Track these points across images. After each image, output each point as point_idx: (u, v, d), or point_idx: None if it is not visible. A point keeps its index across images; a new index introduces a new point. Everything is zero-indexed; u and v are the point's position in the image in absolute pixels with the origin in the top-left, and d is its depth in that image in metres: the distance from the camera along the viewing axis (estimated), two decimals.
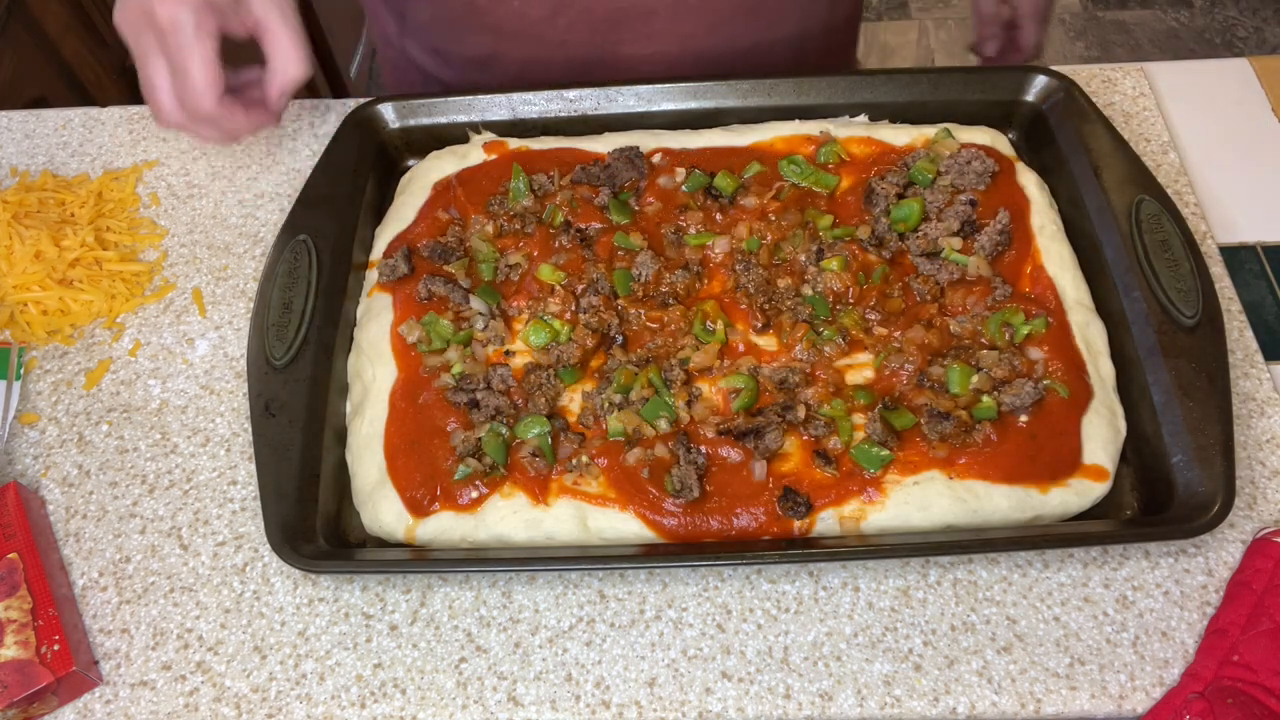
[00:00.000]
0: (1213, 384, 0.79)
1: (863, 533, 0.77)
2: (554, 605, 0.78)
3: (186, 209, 1.02)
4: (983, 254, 0.88)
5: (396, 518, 0.79)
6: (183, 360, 0.92)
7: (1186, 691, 0.71)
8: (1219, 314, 0.82)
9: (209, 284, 0.97)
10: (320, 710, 0.74)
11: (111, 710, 0.75)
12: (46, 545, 0.80)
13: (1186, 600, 0.76)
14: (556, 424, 0.81)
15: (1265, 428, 0.84)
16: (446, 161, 0.97)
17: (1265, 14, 3.06)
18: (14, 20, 1.51)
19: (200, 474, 0.85)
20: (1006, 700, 0.72)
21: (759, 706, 0.73)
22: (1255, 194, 0.99)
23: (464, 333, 0.85)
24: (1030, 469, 0.78)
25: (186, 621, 0.78)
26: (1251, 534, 0.79)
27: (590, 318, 0.85)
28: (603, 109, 1.00)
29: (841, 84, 0.99)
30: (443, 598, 0.78)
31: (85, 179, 1.04)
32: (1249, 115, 1.05)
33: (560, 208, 0.92)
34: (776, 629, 0.76)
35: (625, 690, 0.74)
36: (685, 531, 0.77)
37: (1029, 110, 0.99)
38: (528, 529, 0.77)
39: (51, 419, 0.89)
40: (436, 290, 0.87)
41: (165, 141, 1.07)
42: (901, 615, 0.76)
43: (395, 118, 1.01)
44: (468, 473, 0.78)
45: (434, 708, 0.74)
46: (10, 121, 1.10)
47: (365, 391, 0.85)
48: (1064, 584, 0.77)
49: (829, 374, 0.82)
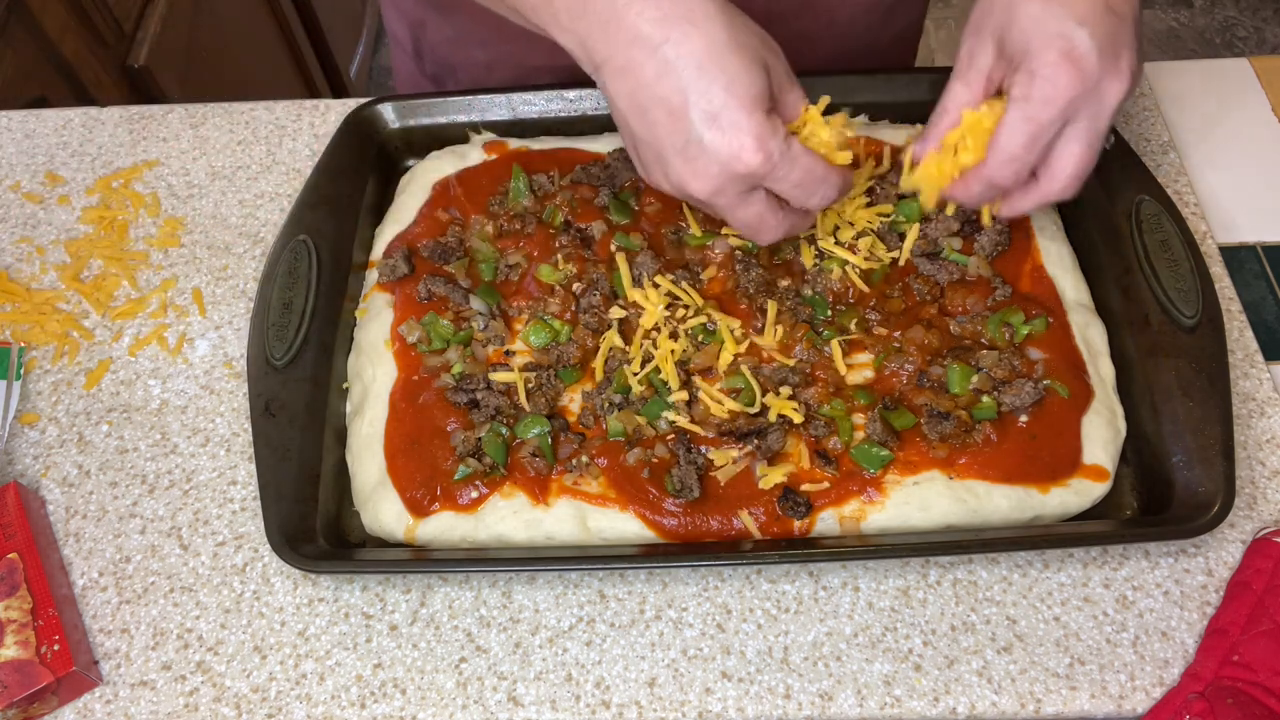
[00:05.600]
0: (1213, 384, 0.79)
1: (863, 533, 0.77)
2: (554, 605, 0.78)
3: (186, 209, 1.02)
4: (983, 254, 0.88)
5: (396, 518, 0.79)
6: (183, 360, 0.92)
7: (1186, 691, 0.71)
8: (1219, 314, 0.82)
9: (209, 284, 0.97)
10: (320, 710, 0.74)
11: (111, 710, 0.75)
12: (46, 545, 0.80)
13: (1186, 600, 0.76)
14: (556, 424, 0.81)
15: (1265, 428, 0.84)
16: (446, 161, 0.97)
17: (1265, 14, 3.06)
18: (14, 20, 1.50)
19: (200, 474, 0.85)
20: (1006, 700, 0.72)
21: (759, 706, 0.73)
22: (1255, 194, 0.99)
23: (464, 333, 0.85)
24: (1030, 469, 0.78)
25: (186, 621, 0.78)
26: (1251, 534, 0.79)
27: (590, 318, 0.85)
28: (603, 109, 1.00)
29: (841, 84, 0.99)
30: (443, 598, 0.78)
31: (85, 179, 1.04)
32: (1249, 115, 1.05)
33: (560, 208, 0.92)
34: (776, 629, 0.76)
35: (625, 690, 0.74)
36: (685, 531, 0.77)
37: None
38: (528, 529, 0.77)
39: (51, 419, 0.89)
40: (436, 290, 0.87)
41: (165, 142, 1.07)
42: (901, 615, 0.76)
43: (395, 118, 1.01)
44: (468, 473, 0.78)
45: (434, 708, 0.74)
46: (10, 121, 1.10)
47: (365, 391, 0.85)
48: (1064, 584, 0.77)
49: (829, 374, 0.82)
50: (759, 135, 0.68)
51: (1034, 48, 0.71)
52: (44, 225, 1.01)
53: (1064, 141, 0.73)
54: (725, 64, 0.68)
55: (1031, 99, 0.71)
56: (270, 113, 1.09)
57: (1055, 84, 0.70)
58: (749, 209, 0.74)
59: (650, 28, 0.68)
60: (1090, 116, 0.72)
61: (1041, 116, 0.71)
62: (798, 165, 0.71)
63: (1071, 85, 0.70)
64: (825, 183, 0.74)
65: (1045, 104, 0.71)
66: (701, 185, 0.71)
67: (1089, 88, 0.70)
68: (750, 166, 0.69)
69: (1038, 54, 0.71)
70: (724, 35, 0.68)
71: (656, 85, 0.69)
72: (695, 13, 0.68)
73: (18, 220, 1.02)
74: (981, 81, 0.77)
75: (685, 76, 0.68)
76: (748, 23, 0.71)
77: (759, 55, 0.70)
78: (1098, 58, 0.69)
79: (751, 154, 0.69)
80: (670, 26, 0.68)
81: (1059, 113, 0.71)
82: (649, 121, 0.70)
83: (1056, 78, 0.70)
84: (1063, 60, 0.70)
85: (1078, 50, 0.69)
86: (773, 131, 0.69)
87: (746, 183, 0.72)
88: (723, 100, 0.68)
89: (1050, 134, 0.73)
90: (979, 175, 0.76)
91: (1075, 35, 0.70)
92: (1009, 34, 0.73)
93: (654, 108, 0.69)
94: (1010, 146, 0.73)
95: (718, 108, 0.68)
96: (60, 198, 1.03)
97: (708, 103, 0.68)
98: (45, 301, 0.95)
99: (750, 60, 0.69)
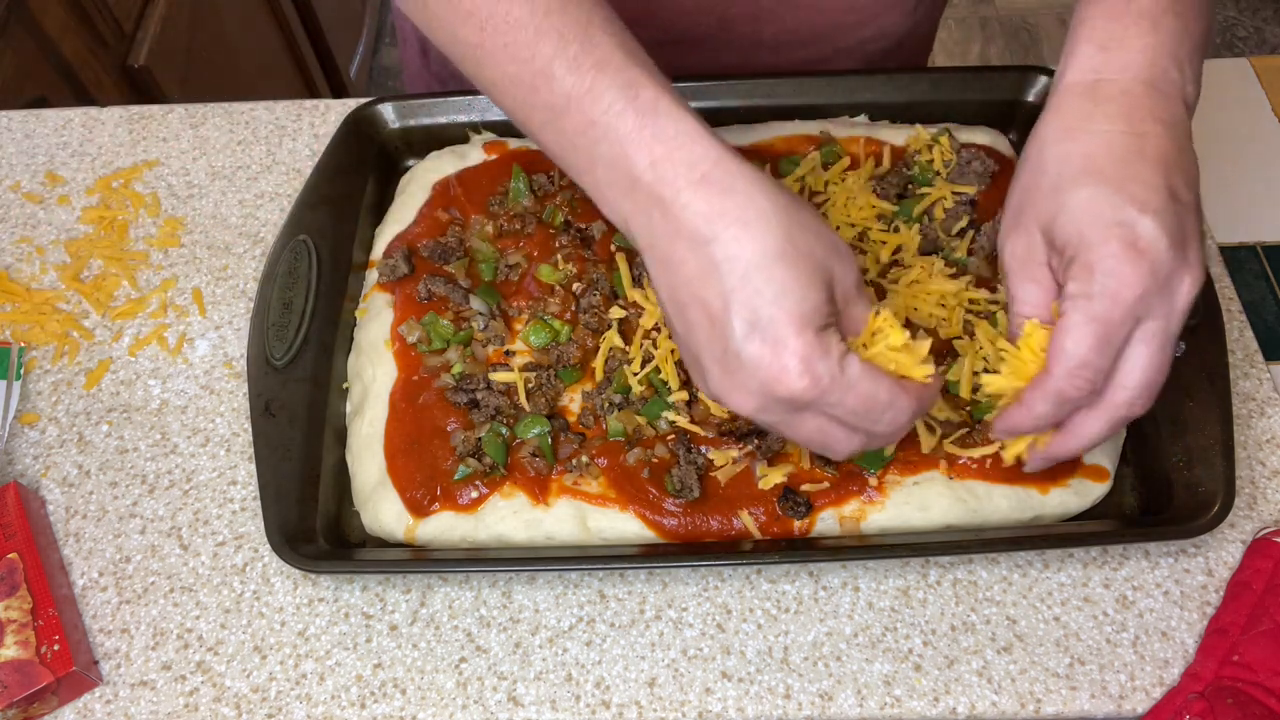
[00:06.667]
0: (1213, 384, 0.79)
1: (863, 533, 0.77)
2: (554, 605, 0.78)
3: (186, 209, 1.02)
4: (982, 254, 0.88)
5: (396, 518, 0.79)
6: (183, 360, 0.92)
7: (1186, 691, 0.71)
8: (1219, 314, 0.82)
9: (209, 284, 0.97)
10: (320, 710, 0.74)
11: (111, 710, 0.75)
12: (46, 545, 0.80)
13: (1186, 600, 0.76)
14: (556, 424, 0.81)
15: (1265, 428, 0.84)
16: (446, 161, 0.97)
17: (1265, 14, 3.06)
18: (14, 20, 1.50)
19: (200, 474, 0.85)
20: (1006, 700, 0.72)
21: (759, 706, 0.73)
22: (1255, 194, 0.99)
23: (464, 333, 0.85)
24: None
25: (186, 621, 0.78)
26: (1251, 534, 0.79)
27: (590, 318, 0.85)
28: None
29: (841, 84, 0.99)
30: (443, 598, 0.78)
31: (85, 179, 1.04)
32: (1249, 115, 1.05)
33: (560, 208, 0.92)
34: (776, 629, 0.76)
35: (625, 690, 0.74)
36: (685, 531, 0.77)
37: (1029, 110, 0.98)
38: (528, 529, 0.77)
39: (51, 419, 0.89)
40: (436, 290, 0.87)
41: (165, 142, 1.07)
42: (901, 615, 0.76)
43: (395, 118, 1.01)
44: (468, 473, 0.78)
45: (434, 708, 0.74)
46: (10, 121, 1.10)
47: (365, 391, 0.85)
48: (1064, 584, 0.77)
49: None
50: (806, 357, 0.58)
51: (1092, 238, 0.60)
52: (44, 225, 1.01)
53: (1132, 345, 0.62)
54: (774, 274, 0.58)
55: (1094, 295, 0.60)
56: (270, 113, 1.09)
57: (1121, 278, 0.59)
58: (805, 426, 0.63)
59: (698, 223, 0.59)
60: (1162, 316, 0.61)
61: (1110, 315, 0.60)
62: (854, 391, 0.60)
63: (1140, 280, 0.59)
64: (892, 408, 0.61)
65: (1112, 301, 0.60)
66: (743, 401, 0.61)
67: (1159, 283, 0.60)
68: (793, 391, 0.59)
69: (1097, 245, 0.60)
70: (778, 242, 0.59)
71: (698, 285, 0.60)
72: (749, 213, 0.59)
73: (18, 220, 1.02)
74: (1048, 276, 0.65)
75: (729, 281, 0.58)
76: (814, 224, 0.61)
77: (820, 265, 0.60)
78: (1166, 247, 0.59)
79: (796, 378, 0.58)
80: (720, 225, 0.59)
81: (1128, 311, 0.60)
82: (688, 321, 0.62)
83: (1122, 271, 0.59)
84: (1127, 251, 0.59)
85: (1143, 240, 0.59)
86: (823, 353, 0.59)
87: (793, 405, 0.61)
88: (769, 314, 0.58)
89: (1121, 336, 0.61)
90: (1044, 389, 0.63)
91: (1139, 224, 0.59)
92: (1057, 223, 0.62)
93: (693, 308, 0.61)
94: (1078, 351, 0.61)
95: (762, 321, 0.58)
96: (60, 198, 1.03)
97: (751, 313, 0.58)
98: (45, 301, 0.95)
99: (807, 271, 0.59)
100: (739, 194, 0.59)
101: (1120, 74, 0.63)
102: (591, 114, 0.61)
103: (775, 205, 0.60)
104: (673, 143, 0.60)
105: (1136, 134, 0.62)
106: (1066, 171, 0.63)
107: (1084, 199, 0.61)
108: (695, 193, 0.59)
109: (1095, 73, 0.64)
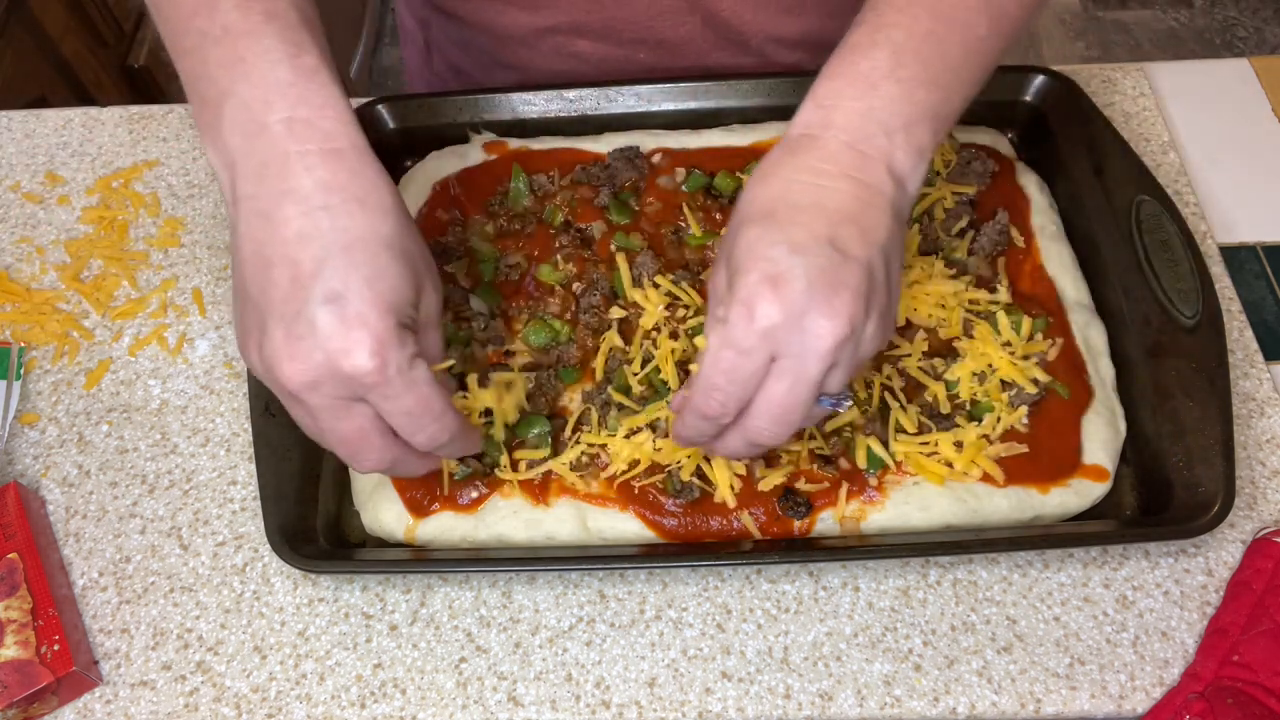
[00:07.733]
0: (1213, 384, 0.79)
1: (863, 533, 0.77)
2: (554, 605, 0.78)
3: (186, 209, 1.02)
4: (982, 254, 0.88)
5: (396, 518, 0.79)
6: (183, 360, 0.92)
7: (1186, 691, 0.71)
8: (1219, 314, 0.82)
9: (209, 284, 0.97)
10: (320, 710, 0.74)
11: (111, 710, 0.75)
12: (46, 545, 0.80)
13: (1186, 600, 0.76)
14: (556, 424, 0.81)
15: (1265, 428, 0.84)
16: (446, 161, 0.97)
17: (1265, 14, 3.06)
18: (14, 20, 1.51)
19: (200, 474, 0.85)
20: (1006, 700, 0.72)
21: (759, 706, 0.73)
22: (1255, 194, 0.99)
23: (464, 333, 0.85)
24: (1030, 469, 0.78)
25: (186, 621, 0.78)
26: (1251, 534, 0.79)
27: (590, 318, 0.85)
28: (603, 109, 1.00)
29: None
30: (443, 598, 0.78)
31: (85, 179, 1.04)
32: (1249, 115, 1.05)
33: (560, 208, 0.92)
34: (776, 629, 0.76)
35: (625, 690, 0.74)
36: (685, 531, 0.77)
37: (1029, 110, 0.99)
38: (528, 529, 0.77)
39: (51, 419, 0.89)
40: None
41: (165, 142, 1.07)
42: (901, 615, 0.76)
43: (395, 118, 1.01)
44: (468, 473, 0.78)
45: (434, 708, 0.74)
46: (10, 121, 1.10)
47: None
48: (1064, 584, 0.77)
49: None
50: (382, 340, 0.58)
51: (742, 269, 0.61)
52: (44, 225, 1.01)
53: (768, 378, 0.62)
54: (377, 256, 0.59)
55: (728, 321, 0.61)
56: None
57: (751, 306, 0.60)
58: (348, 421, 0.62)
59: (316, 188, 0.59)
60: (795, 356, 0.61)
61: (739, 341, 0.61)
62: (415, 391, 0.61)
63: (770, 313, 0.59)
64: (439, 422, 0.63)
65: (742, 328, 0.60)
66: (296, 371, 0.59)
67: (792, 320, 0.60)
68: (359, 369, 0.58)
69: (742, 275, 0.61)
70: (389, 231, 0.60)
71: (294, 245, 0.59)
72: (371, 197, 0.60)
73: (18, 220, 1.02)
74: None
75: (330, 250, 0.58)
76: (422, 243, 0.64)
77: (418, 273, 0.63)
78: (805, 287, 0.59)
79: (366, 356, 0.58)
80: (338, 197, 0.59)
81: (758, 339, 0.60)
82: (268, 280, 0.59)
83: (753, 300, 0.60)
84: (764, 283, 0.60)
85: (783, 277, 0.60)
86: (399, 344, 0.59)
87: (349, 388, 0.60)
88: (359, 290, 0.58)
89: (753, 365, 0.61)
90: (688, 405, 0.66)
91: (783, 261, 0.60)
92: (731, 257, 0.63)
93: (280, 267, 0.59)
94: (710, 374, 0.63)
95: (350, 294, 0.58)
96: (60, 198, 1.03)
97: (341, 283, 0.58)
98: (45, 301, 0.95)
99: (407, 269, 0.61)
100: (365, 179, 0.61)
101: (824, 131, 0.64)
102: (244, 53, 0.61)
103: (395, 203, 0.62)
104: (318, 111, 0.60)
105: (821, 186, 0.63)
106: (748, 211, 0.64)
107: (751, 235, 0.62)
108: (323, 160, 0.60)
109: (807, 127, 0.65)
